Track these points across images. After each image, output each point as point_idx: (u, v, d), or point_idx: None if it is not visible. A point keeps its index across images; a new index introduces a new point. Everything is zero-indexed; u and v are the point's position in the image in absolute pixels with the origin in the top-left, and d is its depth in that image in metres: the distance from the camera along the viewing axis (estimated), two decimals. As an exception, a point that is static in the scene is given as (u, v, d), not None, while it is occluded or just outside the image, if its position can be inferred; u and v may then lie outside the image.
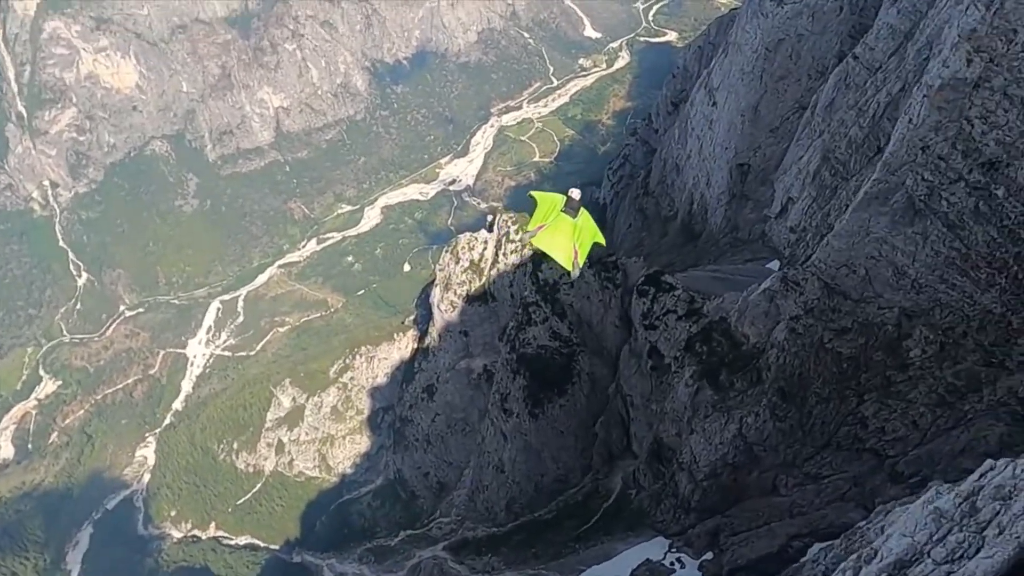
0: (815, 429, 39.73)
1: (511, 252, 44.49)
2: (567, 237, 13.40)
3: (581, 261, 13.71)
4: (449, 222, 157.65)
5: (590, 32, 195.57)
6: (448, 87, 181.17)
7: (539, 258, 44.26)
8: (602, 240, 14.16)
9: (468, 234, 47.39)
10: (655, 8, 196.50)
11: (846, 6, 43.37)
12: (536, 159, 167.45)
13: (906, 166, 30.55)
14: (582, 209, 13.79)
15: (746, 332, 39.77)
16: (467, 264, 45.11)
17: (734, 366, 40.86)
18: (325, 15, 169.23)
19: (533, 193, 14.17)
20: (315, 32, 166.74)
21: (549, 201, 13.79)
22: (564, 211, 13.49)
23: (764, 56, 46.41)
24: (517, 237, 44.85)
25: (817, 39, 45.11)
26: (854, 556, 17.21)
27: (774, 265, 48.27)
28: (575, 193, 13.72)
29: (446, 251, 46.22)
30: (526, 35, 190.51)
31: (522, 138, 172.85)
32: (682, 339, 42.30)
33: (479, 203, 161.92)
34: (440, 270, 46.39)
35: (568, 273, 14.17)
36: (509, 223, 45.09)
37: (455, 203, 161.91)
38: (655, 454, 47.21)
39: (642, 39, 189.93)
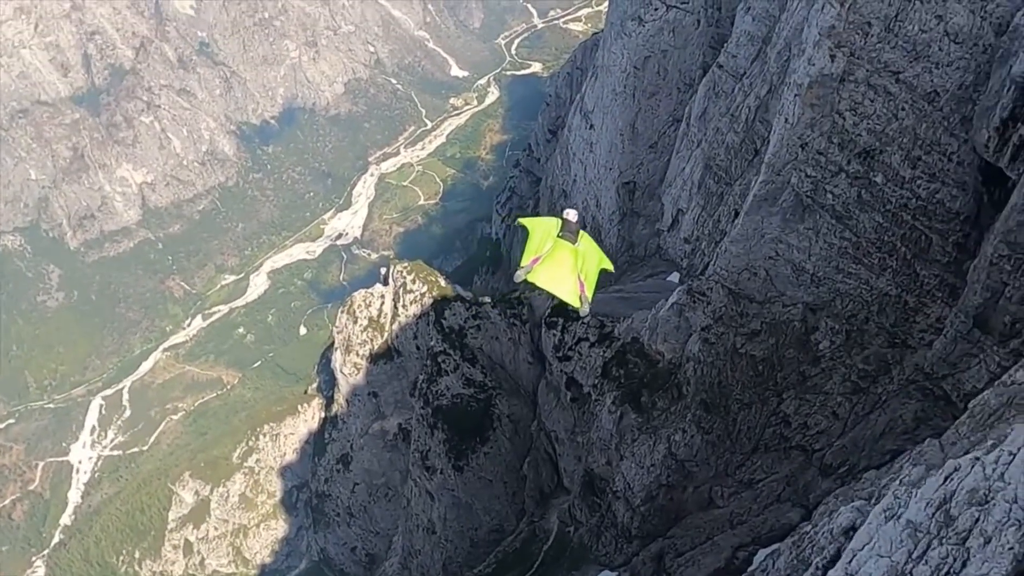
0: (742, 435, 39.61)
1: (411, 303, 42.63)
2: (569, 268, 11.77)
3: (590, 294, 12.05)
4: (341, 278, 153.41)
5: (457, 71, 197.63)
6: (321, 141, 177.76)
7: (441, 305, 42.64)
8: (610, 266, 12.75)
9: (363, 291, 45.07)
10: (516, 42, 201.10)
11: (702, 19, 44.70)
12: (421, 202, 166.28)
13: (789, 165, 31.07)
14: (581, 232, 12.23)
15: (660, 349, 39.39)
16: (366, 322, 42.82)
17: (653, 385, 40.37)
18: (181, 83, 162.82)
19: (522, 220, 12.70)
20: (172, 101, 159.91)
21: (542, 228, 12.16)
22: (561, 236, 11.88)
23: (633, 75, 47.14)
24: (415, 287, 43.03)
25: (680, 53, 46.26)
26: (812, 568, 16.24)
27: (674, 277, 48.56)
28: (571, 214, 12.15)
29: (342, 312, 43.78)
30: (394, 81, 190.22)
31: (404, 183, 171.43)
32: (598, 366, 41.46)
33: (369, 254, 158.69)
34: (338, 332, 43.84)
35: (577, 309, 12.27)
36: (404, 273, 43.21)
37: (344, 257, 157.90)
38: (588, 486, 46.04)
39: (508, 73, 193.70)
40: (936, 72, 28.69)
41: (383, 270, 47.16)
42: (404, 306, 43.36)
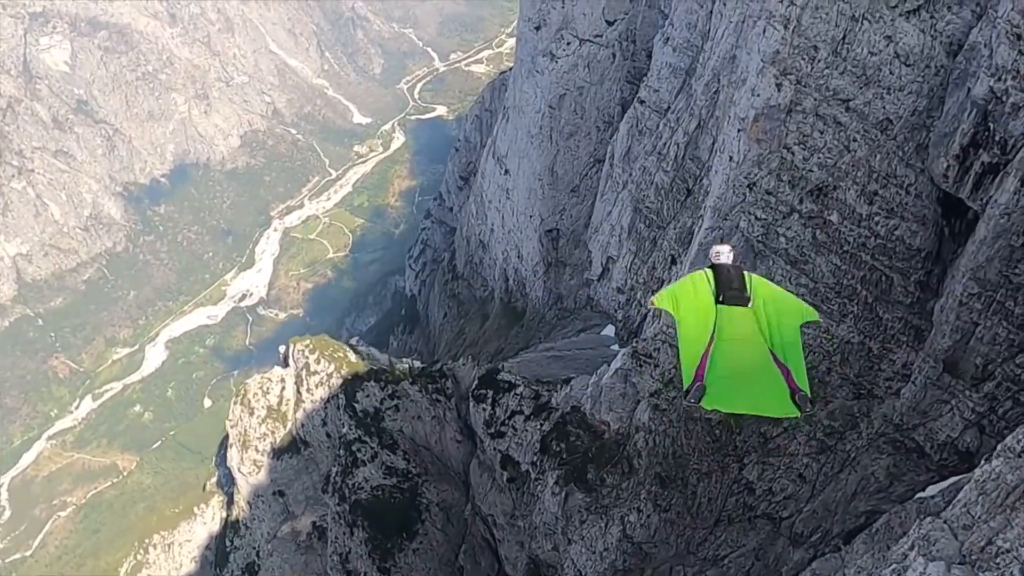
0: (702, 508, 35.87)
1: (316, 385, 37.14)
2: (758, 355, 7.49)
3: (803, 379, 7.58)
4: (247, 341, 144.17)
5: (359, 118, 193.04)
6: (218, 198, 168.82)
7: (352, 385, 37.09)
8: (813, 314, 8.24)
9: (259, 377, 39.30)
10: (419, 86, 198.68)
11: (618, 52, 41.88)
12: (330, 256, 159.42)
13: (736, 208, 27.80)
14: (750, 276, 8.20)
15: (605, 419, 35.27)
16: (264, 412, 37.02)
17: (600, 459, 36.18)
18: (57, 144, 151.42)
19: (655, 300, 8.16)
20: (48, 164, 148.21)
21: (691, 302, 7.94)
22: (725, 302, 7.85)
23: (548, 114, 43.81)
24: (320, 366, 37.38)
25: (597, 89, 43.29)
26: None
27: (609, 331, 44.89)
28: (723, 252, 8.36)
29: (235, 403, 37.83)
30: (293, 131, 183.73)
31: (310, 237, 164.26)
32: (535, 441, 36.94)
33: (277, 314, 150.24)
34: (232, 426, 37.81)
35: (793, 417, 7.70)
36: (306, 352, 37.70)
37: (250, 319, 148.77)
38: (534, 575, 41.12)
39: (413, 117, 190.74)
40: (888, 98, 26.21)
41: (282, 349, 41.47)
42: (309, 390, 37.84)
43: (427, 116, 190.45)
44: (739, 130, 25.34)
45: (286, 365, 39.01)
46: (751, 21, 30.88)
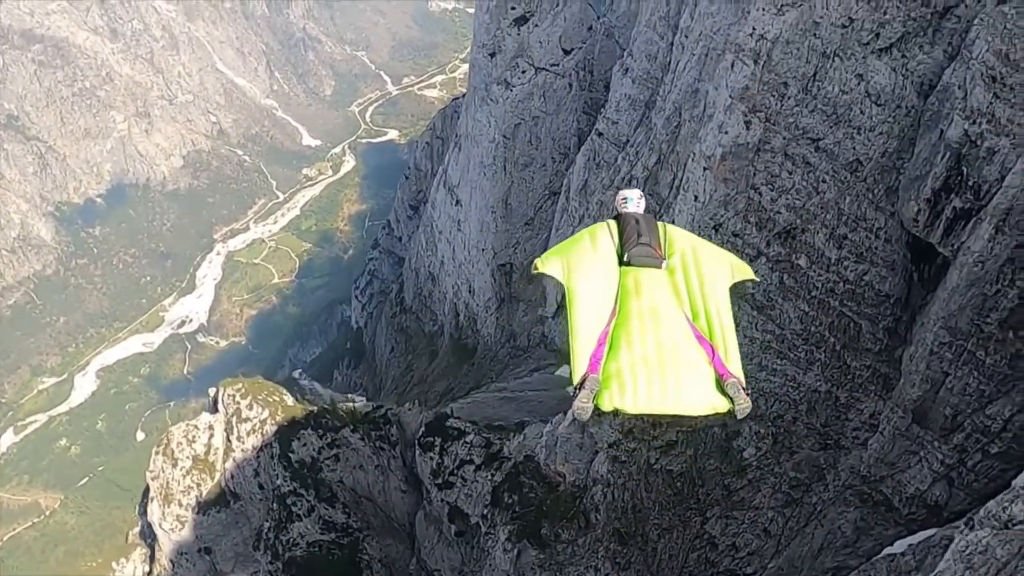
0: (663, 566, 34.18)
1: (248, 433, 34.21)
2: (675, 331, 5.48)
3: (735, 366, 5.58)
4: (185, 370, 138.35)
5: (309, 140, 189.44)
6: (158, 220, 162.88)
7: (287, 433, 34.16)
8: (749, 272, 6.20)
9: (184, 424, 36.03)
10: (371, 109, 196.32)
11: (575, 82, 40.59)
12: (275, 281, 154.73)
13: (702, 251, 26.19)
14: (666, 227, 6.30)
15: (560, 471, 33.29)
16: (189, 463, 33.86)
17: (555, 514, 34.15)
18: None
19: (537, 263, 6.05)
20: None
21: (584, 260, 5.80)
22: (631, 260, 5.80)
23: (503, 144, 42.18)
24: (252, 412, 34.30)
25: (553, 119, 41.90)
26: None
27: (564, 371, 42.94)
28: (631, 200, 6.40)
29: (156, 453, 34.44)
30: (240, 152, 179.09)
31: (255, 261, 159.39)
32: (486, 492, 34.73)
33: (218, 341, 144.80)
34: (152, 478, 34.36)
35: (728, 414, 5.55)
36: (238, 397, 34.74)
37: (189, 347, 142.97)
38: (484, 635, 38.55)
39: (364, 140, 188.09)
40: (858, 138, 25.19)
41: (211, 391, 38.37)
42: (240, 438, 34.85)
43: (378, 140, 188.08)
44: (705, 168, 23.91)
45: (215, 410, 35.99)
46: (715, 54, 29.82)
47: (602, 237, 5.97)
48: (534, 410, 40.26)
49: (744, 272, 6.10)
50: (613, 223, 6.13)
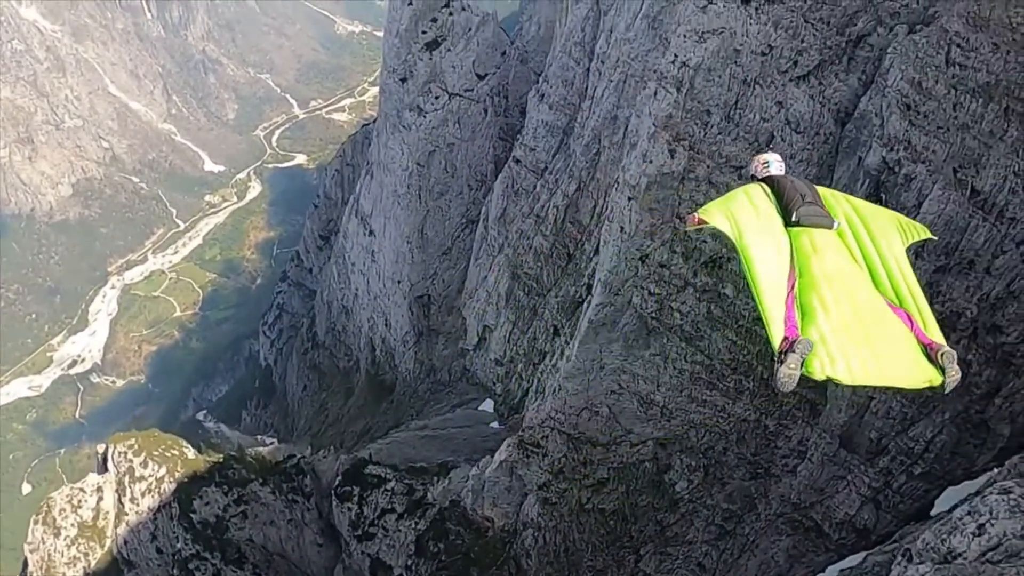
0: (598, 608, 32.79)
1: (143, 494, 30.80)
2: (867, 297, 5.17)
3: (935, 333, 5.18)
4: (77, 414, 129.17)
5: (211, 166, 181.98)
6: (44, 253, 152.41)
7: (187, 490, 30.97)
8: (924, 231, 5.94)
9: (66, 488, 32.16)
10: (277, 133, 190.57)
11: (490, 108, 39.65)
12: (177, 314, 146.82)
13: (629, 283, 25.60)
14: (820, 191, 5.82)
15: (488, 515, 31.78)
16: (75, 532, 30.03)
17: (484, 561, 32.54)
18: None
19: (699, 213, 5.71)
20: None
21: (748, 216, 5.47)
22: (798, 221, 5.44)
23: (417, 173, 40.71)
24: (147, 470, 30.81)
25: (468, 146, 40.76)
26: None
27: (488, 405, 41.63)
28: (772, 164, 6.17)
29: (35, 522, 30.43)
30: (135, 179, 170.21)
31: (155, 294, 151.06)
32: (410, 542, 32.83)
33: (114, 381, 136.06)
34: (31, 551, 30.22)
35: (935, 389, 5.10)
36: (130, 455, 31.23)
37: (81, 389, 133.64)
38: None
39: (270, 165, 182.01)
40: (780, 166, 24.86)
41: (100, 449, 34.63)
42: (134, 499, 31.37)
43: (286, 164, 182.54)
44: (630, 198, 23.17)
45: (104, 470, 32.45)
46: (633, 81, 29.42)
47: (757, 196, 5.64)
48: (458, 449, 38.61)
49: (918, 231, 5.73)
50: (762, 185, 5.83)
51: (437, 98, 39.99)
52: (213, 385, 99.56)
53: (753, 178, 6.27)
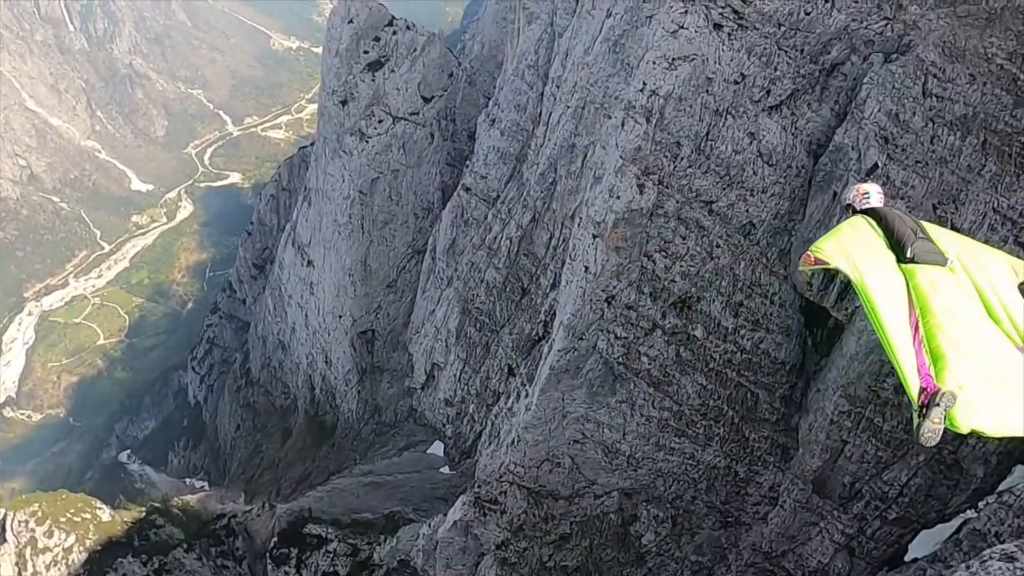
0: (561, 673, 30.72)
1: (48, 566, 27.23)
2: (993, 340, 4.88)
3: None
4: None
5: (139, 185, 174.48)
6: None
7: (101, 561, 27.37)
8: None
9: (-44, 566, 28.51)
10: (210, 151, 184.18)
11: (436, 132, 37.72)
12: (100, 342, 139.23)
13: (594, 326, 23.89)
14: (928, 226, 5.43)
15: (441, 577, 29.26)
16: (-39, 617, 26.53)
17: (437, 627, 29.95)
18: None
19: (814, 250, 5.36)
20: None
21: (862, 253, 5.22)
22: (911, 263, 5.14)
23: (359, 201, 38.39)
24: (51, 542, 27.33)
25: (414, 172, 38.71)
26: None
27: (437, 448, 39.33)
28: (872, 195, 5.95)
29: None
30: (56, 199, 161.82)
31: (76, 320, 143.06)
32: (355, 608, 29.98)
33: (30, 415, 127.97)
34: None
35: None
36: (32, 524, 27.68)
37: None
38: None
39: (203, 184, 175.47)
40: (751, 200, 23.83)
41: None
42: (37, 574, 27.78)
43: (219, 183, 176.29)
44: (595, 236, 21.45)
45: (3, 540, 28.76)
46: (592, 108, 27.91)
47: (865, 232, 5.49)
48: (406, 497, 36.10)
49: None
50: (866, 218, 5.63)
51: (380, 122, 37.76)
52: (139, 421, 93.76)
53: (850, 208, 6.02)
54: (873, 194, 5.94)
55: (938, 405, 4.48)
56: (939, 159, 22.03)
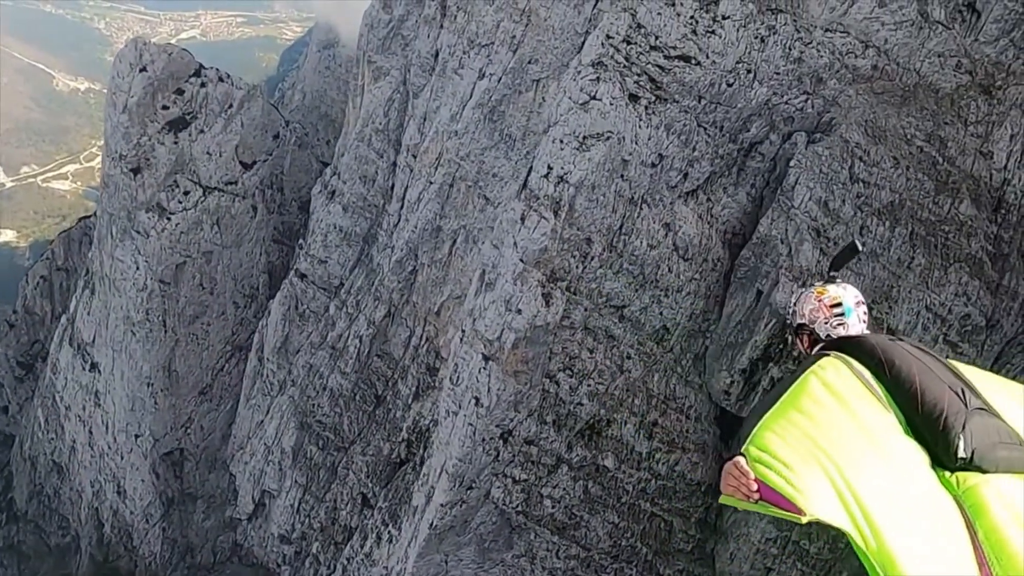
0: None
1: None
2: None
3: None
4: None
5: None
6: None
7: None
8: None
9: None
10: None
11: (260, 204, 31.74)
12: None
13: (487, 470, 19.18)
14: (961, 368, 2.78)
15: None
16: None
17: None
18: None
19: (803, 504, 2.20)
20: None
21: (843, 455, 2.32)
22: (964, 469, 2.43)
23: (160, 293, 31.34)
24: None
25: (233, 253, 32.39)
26: None
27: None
28: (848, 311, 3.39)
29: None
30: None
31: None
32: None
33: None
34: None
35: None
36: None
37: None
38: None
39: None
40: (665, 301, 20.51)
41: None
42: None
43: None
44: (487, 358, 16.75)
45: None
46: (464, 186, 23.49)
47: (853, 399, 2.75)
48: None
49: None
50: (844, 362, 2.94)
51: (187, 194, 30.92)
52: None
53: (802, 332, 3.56)
54: (850, 310, 3.47)
55: None
56: (870, 252, 19.83)
